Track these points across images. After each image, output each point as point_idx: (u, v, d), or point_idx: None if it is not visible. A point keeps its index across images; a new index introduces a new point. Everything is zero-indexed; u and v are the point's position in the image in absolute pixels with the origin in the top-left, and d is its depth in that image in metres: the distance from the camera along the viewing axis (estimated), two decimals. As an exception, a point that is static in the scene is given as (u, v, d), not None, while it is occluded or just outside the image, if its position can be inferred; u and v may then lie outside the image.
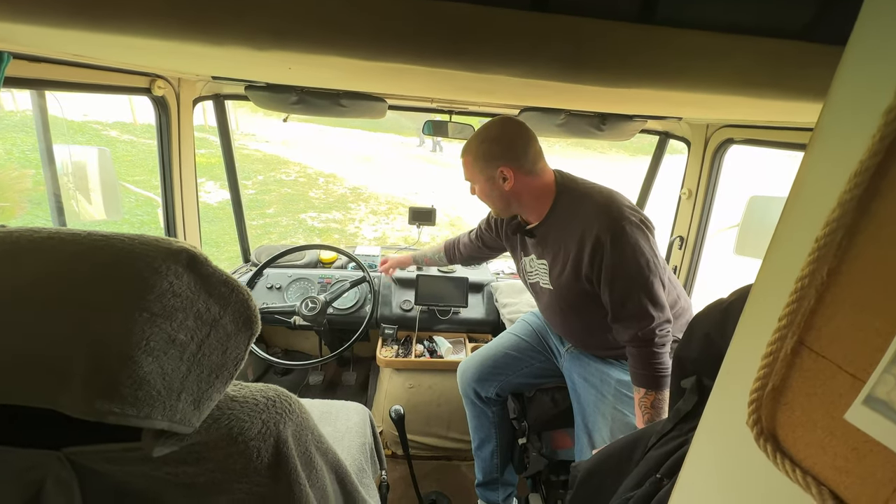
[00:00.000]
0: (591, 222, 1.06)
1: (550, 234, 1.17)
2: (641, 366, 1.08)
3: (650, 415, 1.07)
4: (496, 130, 1.11)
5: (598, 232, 1.04)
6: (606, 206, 1.07)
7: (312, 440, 0.59)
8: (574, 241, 1.09)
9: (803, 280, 0.33)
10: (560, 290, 1.18)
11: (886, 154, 0.28)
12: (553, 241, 1.16)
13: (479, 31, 0.50)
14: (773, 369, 0.35)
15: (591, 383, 1.24)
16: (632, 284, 1.05)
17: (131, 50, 0.74)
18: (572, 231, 1.10)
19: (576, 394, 1.29)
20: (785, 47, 0.52)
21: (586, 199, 1.11)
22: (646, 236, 1.05)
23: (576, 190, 1.14)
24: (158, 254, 0.43)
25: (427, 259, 1.73)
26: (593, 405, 1.22)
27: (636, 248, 1.03)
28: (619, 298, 1.07)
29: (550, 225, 1.16)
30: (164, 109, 1.42)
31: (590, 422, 1.22)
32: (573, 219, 1.10)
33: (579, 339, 1.29)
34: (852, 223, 0.30)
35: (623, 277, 1.05)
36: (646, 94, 0.72)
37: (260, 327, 0.51)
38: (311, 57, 0.54)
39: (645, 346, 1.06)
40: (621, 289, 1.06)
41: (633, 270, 1.04)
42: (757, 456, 0.36)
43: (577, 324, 1.25)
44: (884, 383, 0.27)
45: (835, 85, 0.32)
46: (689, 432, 0.63)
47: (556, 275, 1.17)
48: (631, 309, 1.06)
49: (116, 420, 0.39)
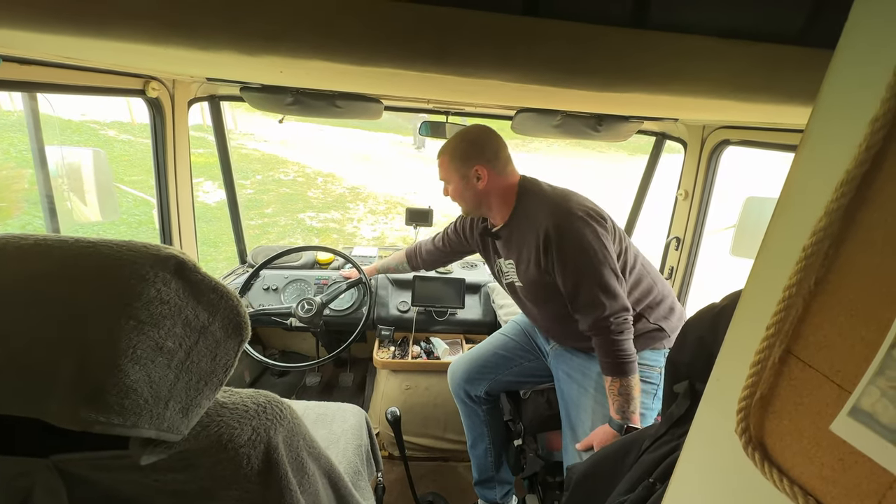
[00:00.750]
0: (542, 219, 1.13)
1: (514, 234, 1.23)
2: (604, 353, 1.12)
3: (619, 402, 1.10)
4: (473, 134, 1.21)
5: (546, 226, 1.11)
6: (556, 203, 1.14)
7: (304, 445, 0.59)
8: (532, 238, 1.16)
9: (791, 289, 0.32)
10: (528, 286, 1.24)
11: (872, 163, 0.28)
12: (516, 241, 1.23)
13: (471, 36, 0.50)
14: (762, 378, 0.35)
15: (574, 378, 1.27)
16: (581, 275, 1.10)
17: (124, 53, 0.73)
18: (529, 228, 1.17)
19: (560, 390, 1.31)
20: (778, 51, 0.52)
21: (541, 197, 1.18)
22: (593, 228, 1.10)
23: (534, 191, 1.21)
24: (146, 260, 0.43)
25: (390, 268, 1.75)
26: (575, 400, 1.25)
27: (581, 239, 1.09)
28: (571, 289, 1.12)
29: (513, 226, 1.23)
30: (158, 111, 1.42)
31: (573, 416, 1.25)
32: (531, 217, 1.17)
33: (555, 332, 1.33)
34: (839, 232, 0.30)
35: (572, 268, 1.10)
36: (640, 97, 0.72)
37: (250, 333, 0.51)
38: (304, 61, 0.54)
39: (602, 335, 1.10)
40: (572, 279, 1.11)
41: (580, 261, 1.09)
42: (745, 464, 0.36)
43: (549, 317, 1.29)
44: (869, 395, 0.27)
45: (822, 93, 0.32)
46: (682, 437, 0.63)
47: (522, 271, 1.23)
48: (584, 298, 1.11)
49: (102, 429, 0.39)
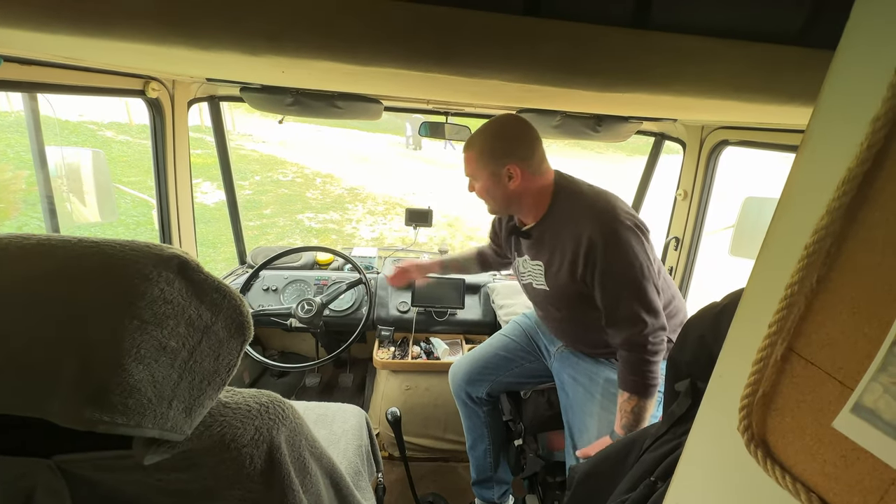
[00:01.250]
0: (585, 224, 1.05)
1: (546, 234, 1.16)
2: (631, 371, 1.07)
3: (628, 419, 1.06)
4: (506, 127, 1.10)
5: (591, 234, 1.04)
6: (601, 209, 1.07)
7: (306, 445, 0.59)
8: (570, 243, 1.09)
9: (793, 287, 0.33)
10: (556, 291, 1.18)
11: (874, 162, 0.28)
12: (549, 243, 1.16)
13: (472, 36, 0.50)
14: (764, 375, 0.35)
15: (580, 382, 1.24)
16: (624, 289, 1.04)
17: (124, 53, 0.73)
18: (568, 232, 1.09)
19: (564, 393, 1.29)
20: (777, 52, 0.52)
21: (582, 200, 1.10)
22: (640, 240, 1.05)
23: (573, 191, 1.13)
24: (149, 260, 0.43)
25: (458, 265, 1.60)
26: (580, 404, 1.22)
27: (629, 252, 1.03)
28: (612, 302, 1.06)
29: (547, 226, 1.15)
30: (158, 111, 1.42)
31: (577, 420, 1.22)
32: (569, 220, 1.10)
33: (573, 338, 1.29)
34: (841, 230, 0.30)
35: (616, 281, 1.05)
36: (640, 97, 0.72)
37: (252, 333, 0.51)
38: (305, 61, 0.54)
39: (637, 352, 1.06)
40: (614, 292, 1.06)
41: (625, 275, 1.04)
42: (748, 461, 0.36)
43: (571, 324, 1.24)
44: (871, 391, 0.27)
45: (824, 92, 0.32)
46: (683, 435, 0.63)
47: (552, 276, 1.17)
48: (624, 313, 1.05)
49: (106, 429, 0.39)
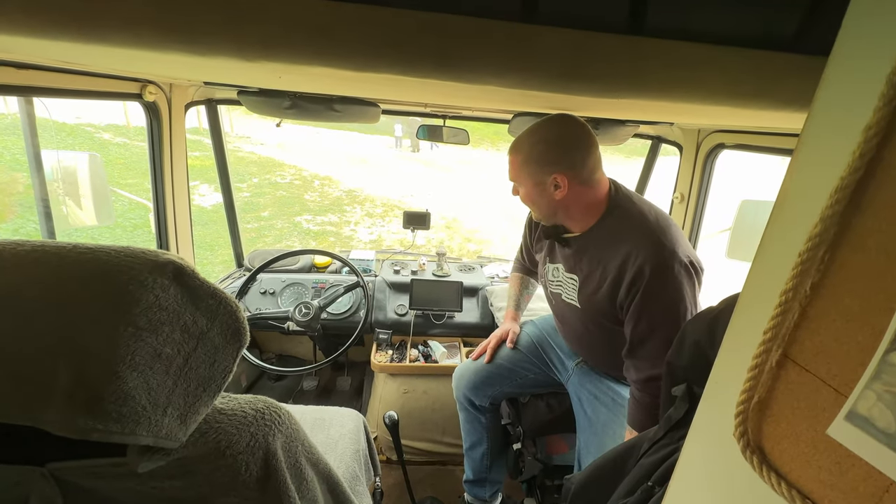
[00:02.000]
0: (638, 248, 0.97)
1: (590, 249, 1.07)
2: (642, 413, 1.03)
3: None
4: (555, 131, 1.00)
5: (642, 262, 0.95)
6: (658, 239, 0.97)
7: (303, 451, 0.59)
8: (616, 263, 1.00)
9: (787, 294, 0.33)
10: (587, 311, 1.11)
11: (866, 171, 0.28)
12: (591, 258, 1.07)
13: (470, 42, 0.50)
14: (759, 382, 0.35)
15: (603, 402, 1.19)
16: (659, 326, 0.98)
17: (121, 57, 0.73)
18: (616, 251, 1.01)
19: (583, 410, 1.23)
20: (771, 58, 0.53)
21: (639, 222, 1.01)
22: (692, 281, 0.97)
23: (629, 210, 1.04)
24: (145, 266, 0.43)
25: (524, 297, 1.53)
26: (604, 424, 1.16)
27: (677, 291, 0.95)
28: (640, 335, 1.00)
29: (592, 239, 1.07)
30: (155, 115, 1.41)
31: (595, 439, 1.17)
32: (620, 239, 1.01)
33: (597, 359, 1.24)
34: (834, 238, 0.30)
35: (653, 316, 0.98)
36: (637, 103, 0.72)
37: (248, 339, 0.51)
38: (301, 67, 0.54)
39: (651, 397, 1.01)
40: (647, 327, 0.99)
41: (665, 312, 0.96)
42: (743, 467, 0.37)
43: (598, 345, 1.18)
44: (865, 399, 0.27)
45: (816, 101, 0.32)
46: (680, 440, 0.63)
47: (587, 293, 1.09)
48: (649, 350, 0.99)
49: (100, 437, 0.38)
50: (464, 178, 10.57)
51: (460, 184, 10.09)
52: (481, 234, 7.23)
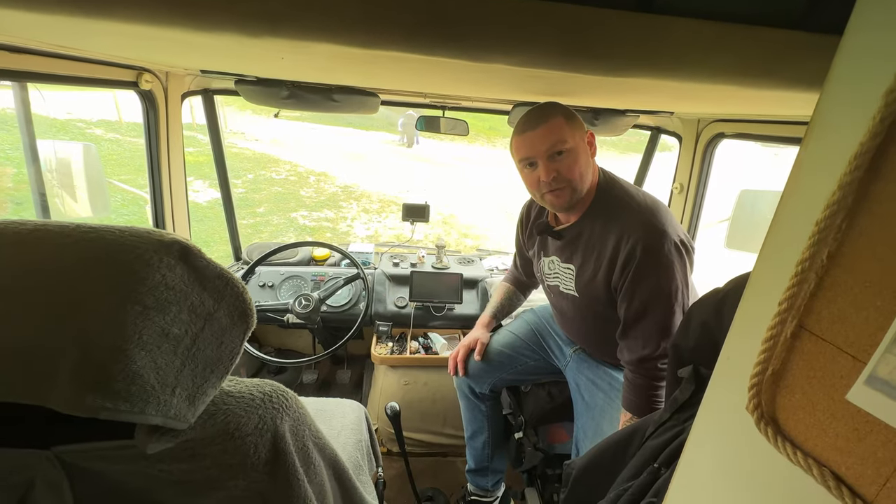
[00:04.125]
0: (629, 230, 0.99)
1: (583, 236, 1.09)
2: (637, 394, 1.05)
3: None
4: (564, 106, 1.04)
5: (634, 242, 0.98)
6: (650, 219, 1.00)
7: (310, 436, 0.58)
8: (609, 246, 1.03)
9: (803, 264, 0.33)
10: (586, 299, 1.13)
11: (887, 135, 0.28)
12: (584, 246, 1.09)
13: (476, 19, 0.49)
14: (774, 353, 0.35)
15: (600, 388, 1.21)
16: (652, 304, 0.99)
17: (118, 39, 0.72)
18: (609, 235, 1.03)
19: (580, 396, 1.25)
20: (780, 36, 0.53)
21: (629, 204, 1.04)
22: (683, 261, 0.99)
23: (618, 193, 1.06)
24: (150, 245, 0.42)
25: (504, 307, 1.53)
26: (600, 409, 1.18)
27: (668, 270, 0.97)
28: (633, 314, 1.02)
29: (584, 227, 1.09)
30: (151, 104, 1.39)
31: (593, 424, 1.18)
32: (611, 224, 1.03)
33: (595, 345, 1.25)
34: (853, 205, 0.30)
35: (645, 297, 0.99)
36: (641, 84, 0.72)
37: (255, 321, 0.51)
38: (306, 45, 0.53)
39: (645, 377, 1.03)
40: (639, 307, 1.01)
41: (658, 291, 0.98)
42: (757, 440, 0.37)
43: (596, 332, 1.20)
44: (885, 362, 0.27)
45: (834, 70, 0.32)
46: (686, 421, 0.63)
47: (584, 280, 1.11)
48: (641, 330, 1.01)
49: (109, 415, 0.38)
50: (460, 174, 10.55)
51: (457, 179, 10.07)
52: (478, 229, 7.23)
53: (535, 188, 1.07)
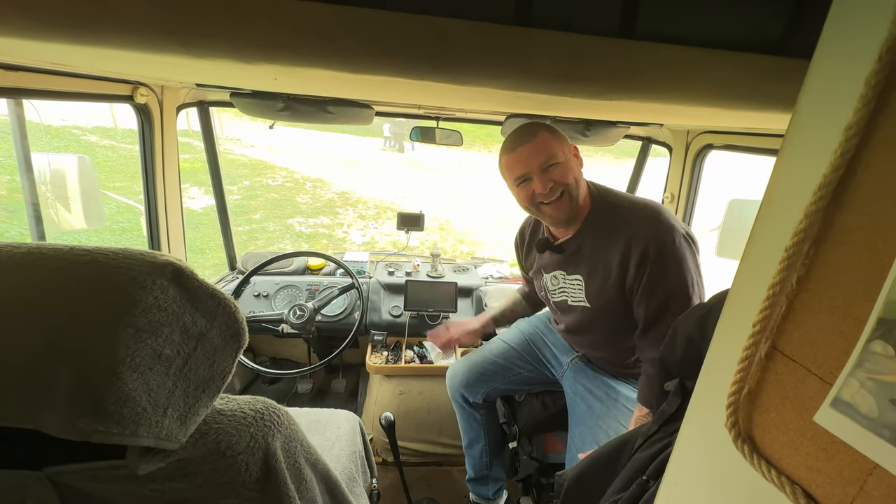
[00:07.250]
0: (638, 231, 1.01)
1: (586, 247, 1.10)
2: (652, 389, 1.01)
3: None
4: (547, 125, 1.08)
5: (645, 242, 1.00)
6: (654, 216, 1.03)
7: (302, 451, 0.59)
8: (618, 252, 1.04)
9: (775, 287, 0.34)
10: (597, 308, 1.12)
11: (847, 168, 0.30)
12: (589, 255, 1.10)
13: (465, 44, 0.51)
14: (749, 373, 0.37)
15: (597, 396, 1.21)
16: (671, 301, 1.00)
17: (115, 59, 0.73)
18: (615, 241, 1.04)
19: (576, 404, 1.25)
20: (757, 61, 0.54)
21: (628, 207, 1.07)
22: (692, 252, 1.01)
23: (613, 201, 1.09)
24: (143, 268, 0.43)
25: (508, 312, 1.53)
26: (598, 418, 1.18)
27: (682, 261, 0.99)
28: (653, 313, 1.02)
29: (585, 237, 1.10)
30: (146, 117, 1.40)
31: (590, 434, 1.18)
32: (615, 229, 1.05)
33: (599, 353, 1.25)
34: (818, 233, 0.32)
35: (664, 292, 1.00)
36: (628, 104, 0.74)
37: (247, 340, 0.51)
38: (299, 70, 0.54)
39: None
40: (659, 304, 1.01)
41: (676, 286, 0.99)
42: (735, 457, 0.38)
43: (605, 342, 1.20)
44: (849, 386, 0.28)
45: (800, 102, 0.34)
46: (673, 434, 0.64)
47: (595, 289, 1.11)
48: (664, 326, 1.00)
49: (101, 439, 0.38)
50: (457, 180, 10.59)
51: (453, 185, 10.11)
52: (475, 235, 7.25)
53: (531, 202, 1.07)
